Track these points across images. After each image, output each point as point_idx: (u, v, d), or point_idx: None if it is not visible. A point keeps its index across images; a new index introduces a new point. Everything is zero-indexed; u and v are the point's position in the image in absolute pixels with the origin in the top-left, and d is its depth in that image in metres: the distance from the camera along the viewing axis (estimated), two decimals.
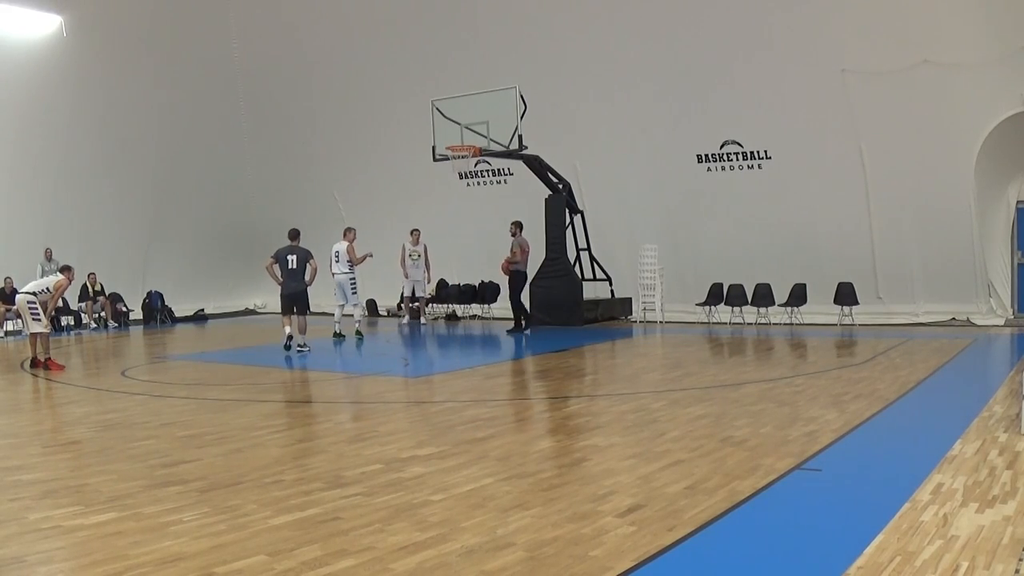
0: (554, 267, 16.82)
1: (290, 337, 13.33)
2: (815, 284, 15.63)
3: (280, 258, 13.22)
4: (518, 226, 15.72)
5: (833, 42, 14.78)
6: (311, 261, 13.33)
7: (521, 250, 15.53)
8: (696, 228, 17.08)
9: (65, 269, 12.86)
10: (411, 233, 17.60)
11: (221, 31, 20.28)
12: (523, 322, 15.71)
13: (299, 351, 13.20)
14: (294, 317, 13.43)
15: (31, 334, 12.20)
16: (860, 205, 15.32)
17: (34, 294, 12.14)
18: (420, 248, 17.50)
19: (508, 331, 15.73)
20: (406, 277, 17.74)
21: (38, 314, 12.01)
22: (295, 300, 13.31)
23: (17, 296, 12.74)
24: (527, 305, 16.85)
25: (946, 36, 13.96)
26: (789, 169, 15.87)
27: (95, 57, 18.76)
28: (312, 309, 14.46)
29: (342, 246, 15.11)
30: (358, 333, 15.23)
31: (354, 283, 15.18)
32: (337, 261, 15.11)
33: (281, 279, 13.24)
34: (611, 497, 5.03)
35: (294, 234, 13.48)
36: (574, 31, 17.07)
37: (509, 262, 15.54)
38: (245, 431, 7.42)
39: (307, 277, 13.33)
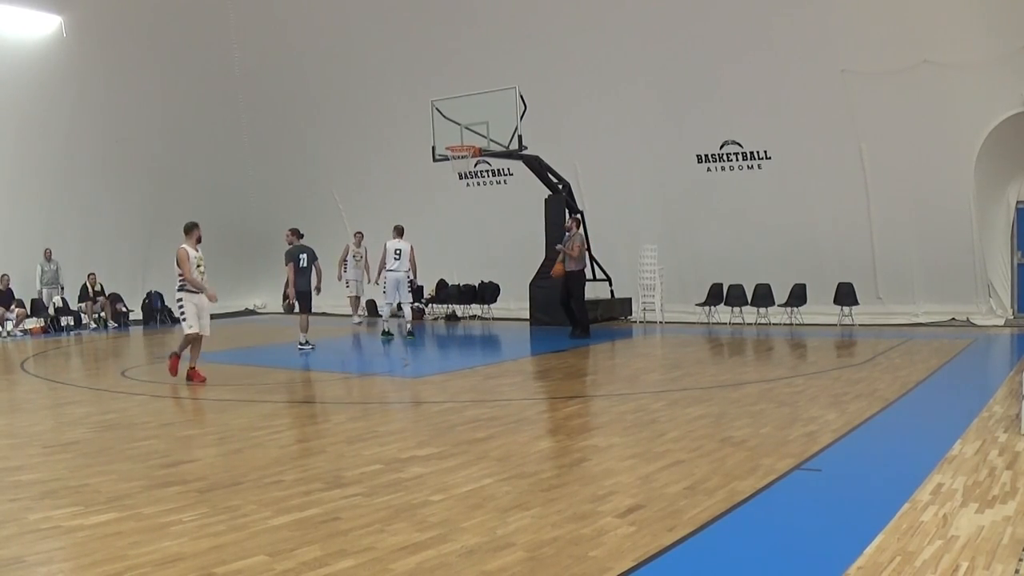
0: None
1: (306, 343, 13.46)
2: (815, 284, 15.63)
3: (295, 257, 13.19)
4: (576, 222, 15.09)
5: (833, 42, 14.78)
6: (316, 263, 13.46)
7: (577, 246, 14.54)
8: (696, 228, 17.07)
9: (189, 229, 10.70)
10: (355, 235, 18.14)
11: (221, 31, 20.26)
12: (584, 325, 14.69)
13: (300, 349, 13.27)
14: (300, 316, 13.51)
15: (184, 336, 10.42)
16: (860, 205, 15.32)
17: (177, 289, 10.33)
18: (362, 250, 18.03)
19: (571, 335, 14.63)
20: (342, 275, 18.03)
21: (183, 310, 10.26)
22: (302, 297, 13.41)
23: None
24: (531, 307, 16.87)
25: (946, 36, 13.96)
26: (789, 169, 15.87)
27: (95, 57, 18.76)
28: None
29: (404, 245, 14.88)
30: (411, 333, 15.28)
31: (412, 283, 15.26)
32: (398, 259, 14.81)
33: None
34: (611, 497, 5.03)
35: (299, 233, 13.57)
36: (574, 31, 17.06)
37: (565, 260, 14.47)
38: (245, 431, 7.42)
39: (314, 279, 13.41)
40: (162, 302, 20.86)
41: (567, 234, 14.88)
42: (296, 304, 13.49)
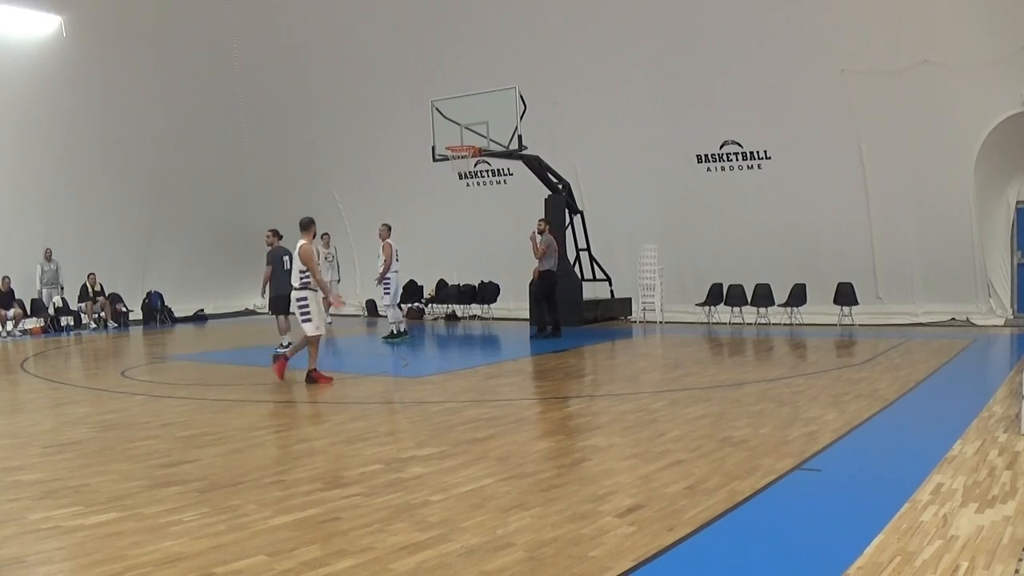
0: None
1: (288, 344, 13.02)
2: (815, 284, 15.62)
3: (276, 259, 12.86)
4: (546, 223, 14.92)
5: (833, 42, 14.78)
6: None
7: (545, 247, 14.54)
8: (696, 228, 17.07)
9: (308, 225, 10.03)
10: (322, 237, 18.16)
11: (221, 31, 20.27)
12: (555, 325, 14.80)
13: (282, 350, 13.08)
14: (281, 318, 13.04)
15: (304, 338, 9.98)
16: (860, 205, 15.32)
17: (299, 287, 9.73)
18: (332, 251, 18.33)
19: (544, 335, 14.76)
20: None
21: (307, 310, 9.79)
22: (288, 301, 13.09)
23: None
24: (531, 307, 16.81)
25: (946, 36, 13.96)
26: (789, 169, 15.87)
27: (95, 57, 18.76)
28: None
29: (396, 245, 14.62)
30: (404, 332, 14.99)
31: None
32: (398, 260, 14.43)
33: (274, 280, 12.77)
34: (611, 497, 5.03)
35: (279, 234, 13.13)
36: (574, 31, 17.07)
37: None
38: (245, 431, 7.42)
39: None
40: (162, 302, 20.86)
41: (540, 236, 14.71)
42: (276, 305, 12.98)
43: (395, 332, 14.73)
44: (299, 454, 6.48)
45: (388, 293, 14.55)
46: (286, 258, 12.93)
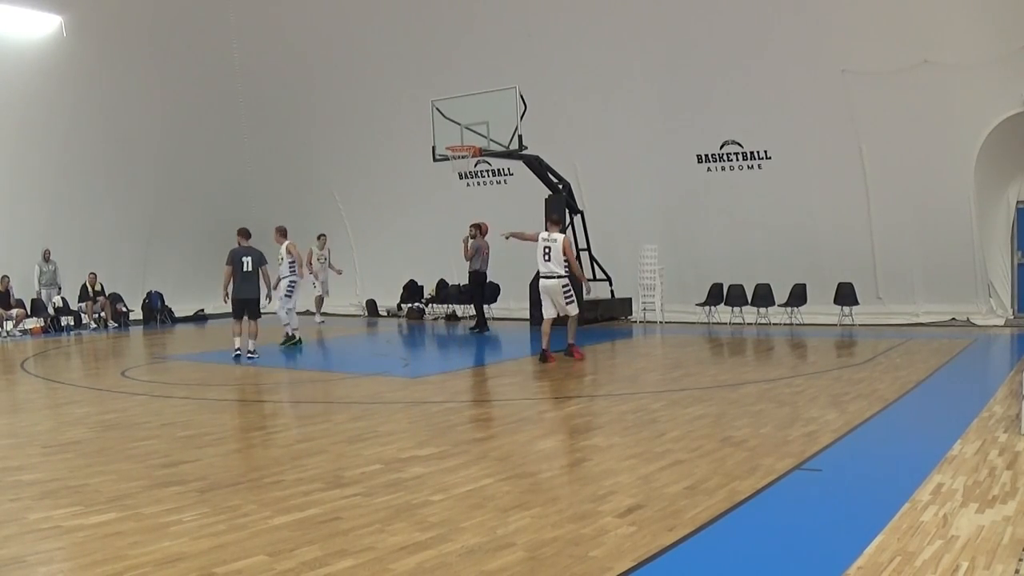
0: None
1: (238, 349, 12.63)
2: (815, 284, 15.63)
3: (236, 259, 12.48)
4: (478, 228, 16.01)
5: (833, 42, 14.78)
6: (264, 268, 12.72)
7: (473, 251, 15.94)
8: (696, 228, 17.07)
9: (557, 223, 11.60)
10: (318, 238, 18.62)
11: (221, 31, 20.27)
12: (479, 322, 16.41)
13: (250, 357, 12.53)
14: (245, 322, 12.70)
15: (572, 318, 11.55)
16: (860, 205, 15.32)
17: (561, 276, 11.17)
18: (326, 252, 18.50)
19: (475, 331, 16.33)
20: (316, 279, 18.50)
21: (571, 295, 11.33)
22: (248, 304, 12.58)
23: (546, 283, 11.43)
24: (531, 307, 16.87)
25: (946, 36, 13.96)
26: (789, 169, 15.86)
27: (95, 57, 18.76)
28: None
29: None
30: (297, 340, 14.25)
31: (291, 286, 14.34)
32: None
33: (233, 282, 12.46)
34: (611, 497, 5.03)
35: (247, 233, 12.80)
36: (574, 31, 17.07)
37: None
38: (245, 431, 7.42)
39: (263, 285, 12.73)
40: (162, 302, 20.85)
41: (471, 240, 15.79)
42: (234, 307, 12.59)
43: (295, 337, 14.09)
44: (299, 454, 6.48)
45: (290, 296, 14.19)
46: (246, 259, 12.46)
